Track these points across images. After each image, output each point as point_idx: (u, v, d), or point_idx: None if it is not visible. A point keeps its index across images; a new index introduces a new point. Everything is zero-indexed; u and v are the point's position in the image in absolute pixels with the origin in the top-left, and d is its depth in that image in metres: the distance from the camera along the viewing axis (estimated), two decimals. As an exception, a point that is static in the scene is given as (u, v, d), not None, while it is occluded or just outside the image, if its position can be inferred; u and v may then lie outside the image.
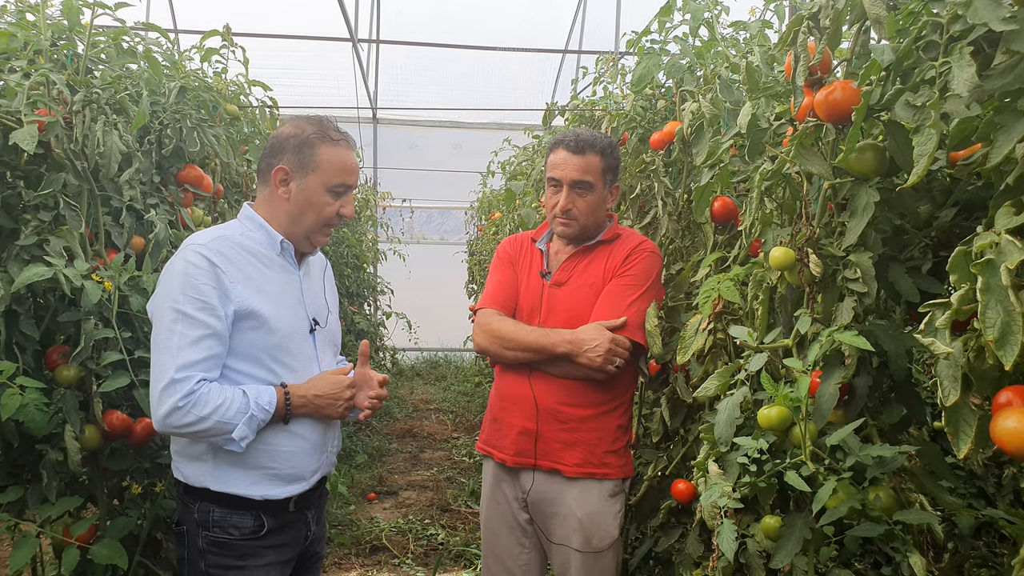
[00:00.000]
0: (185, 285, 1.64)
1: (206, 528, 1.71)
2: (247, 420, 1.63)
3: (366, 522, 4.37)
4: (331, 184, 1.77)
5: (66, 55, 2.18)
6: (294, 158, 1.76)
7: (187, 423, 1.59)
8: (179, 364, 1.60)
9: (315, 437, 1.82)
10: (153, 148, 2.46)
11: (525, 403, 2.13)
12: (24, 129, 1.83)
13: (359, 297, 7.00)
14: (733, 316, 1.96)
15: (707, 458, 1.59)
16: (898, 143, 1.34)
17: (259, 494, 1.72)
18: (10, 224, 1.94)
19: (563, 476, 2.10)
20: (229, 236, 1.75)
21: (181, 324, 1.63)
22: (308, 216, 1.78)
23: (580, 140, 2.11)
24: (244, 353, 1.71)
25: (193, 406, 1.59)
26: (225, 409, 1.61)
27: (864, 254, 1.40)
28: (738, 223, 2.10)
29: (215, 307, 1.64)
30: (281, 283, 1.79)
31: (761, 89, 1.77)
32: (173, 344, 1.62)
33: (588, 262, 2.17)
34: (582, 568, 2.09)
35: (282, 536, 1.79)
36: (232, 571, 1.72)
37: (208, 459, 1.71)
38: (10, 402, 1.77)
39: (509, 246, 2.33)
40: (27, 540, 1.86)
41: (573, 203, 2.12)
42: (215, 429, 1.61)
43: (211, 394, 1.61)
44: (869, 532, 1.31)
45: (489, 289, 2.27)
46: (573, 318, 2.11)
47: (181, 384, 1.59)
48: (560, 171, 2.11)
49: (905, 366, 1.42)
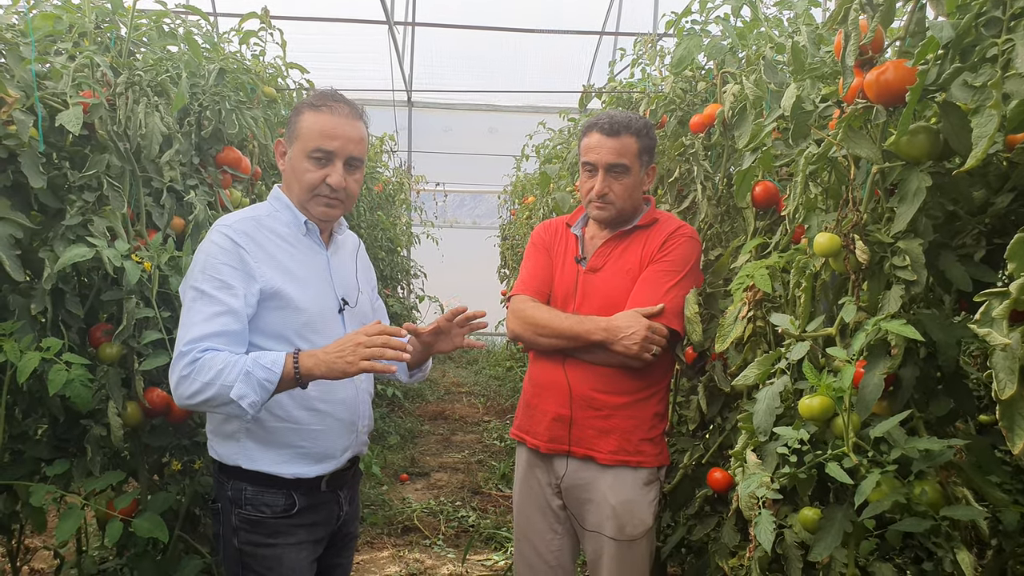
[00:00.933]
0: (206, 265, 1.67)
1: (239, 506, 1.74)
2: (244, 377, 1.57)
3: (398, 502, 4.41)
4: (308, 150, 1.73)
5: (109, 38, 2.20)
6: (288, 130, 1.79)
7: (194, 391, 1.59)
8: (188, 338, 1.62)
9: (343, 415, 1.82)
10: (193, 130, 2.48)
11: (559, 389, 2.11)
12: (69, 111, 1.86)
13: (393, 280, 7.04)
14: (773, 304, 1.92)
15: (745, 447, 1.57)
16: (953, 125, 1.30)
17: (289, 472, 1.74)
18: (56, 204, 1.97)
19: (597, 463, 2.08)
20: (256, 217, 1.77)
21: (199, 302, 1.65)
22: (294, 184, 1.78)
23: (614, 122, 2.07)
24: (271, 332, 1.72)
25: (196, 373, 1.58)
26: (227, 373, 1.57)
27: (914, 241, 1.36)
28: (780, 208, 2.05)
29: (233, 286, 1.66)
30: (308, 263, 1.80)
31: (807, 70, 1.73)
32: (188, 320, 1.65)
33: (624, 247, 2.13)
34: (615, 555, 2.08)
35: (313, 515, 1.80)
36: (263, 548, 1.74)
37: (240, 437, 1.73)
38: (57, 377, 1.80)
39: (544, 232, 2.29)
40: (73, 512, 1.90)
41: (609, 187, 2.08)
42: (220, 395, 1.57)
43: (214, 360, 1.59)
44: (915, 527, 1.28)
45: (523, 275, 2.24)
46: (609, 304, 2.07)
47: (186, 355, 1.60)
48: (595, 155, 2.07)
49: (955, 357, 1.38)
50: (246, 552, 1.74)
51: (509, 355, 8.60)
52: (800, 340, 1.51)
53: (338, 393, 1.79)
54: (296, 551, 1.77)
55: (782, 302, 1.86)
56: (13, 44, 1.90)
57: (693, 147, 2.43)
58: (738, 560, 1.91)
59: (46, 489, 1.90)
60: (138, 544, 2.10)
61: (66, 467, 1.99)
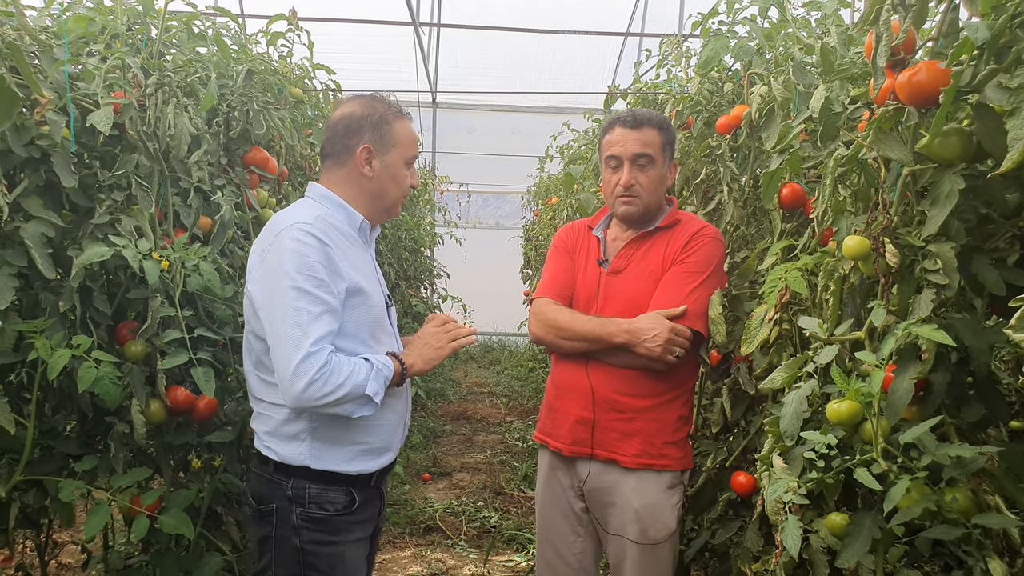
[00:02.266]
0: (300, 263, 1.67)
1: (301, 504, 1.74)
2: (375, 375, 1.69)
3: (420, 502, 4.42)
4: (408, 157, 1.86)
5: (140, 39, 2.23)
6: (375, 136, 1.81)
7: (325, 393, 1.63)
8: (312, 339, 1.63)
9: (399, 407, 1.88)
10: (221, 130, 2.50)
11: (581, 392, 2.10)
12: (100, 111, 1.88)
13: (416, 280, 7.06)
14: (800, 307, 1.90)
15: (771, 452, 1.55)
16: (987, 127, 1.28)
17: (355, 469, 1.78)
18: (87, 203, 2.00)
19: (620, 466, 2.07)
20: (324, 216, 1.78)
21: (304, 300, 1.65)
22: (392, 190, 1.86)
23: (636, 116, 2.08)
24: (349, 331, 1.75)
25: (329, 375, 1.63)
26: (356, 374, 1.66)
27: (946, 244, 1.34)
28: (807, 211, 2.03)
29: (328, 284, 1.69)
30: (365, 260, 1.86)
31: (836, 71, 1.71)
32: (302, 320, 1.64)
33: (647, 249, 2.12)
34: (638, 559, 2.07)
35: (367, 511, 1.84)
36: (327, 547, 1.75)
37: (306, 438, 1.75)
38: (87, 375, 1.82)
39: (566, 235, 2.28)
40: (100, 507, 1.92)
41: (635, 178, 2.06)
42: (351, 394, 1.66)
43: (342, 363, 1.66)
44: (946, 535, 1.26)
45: (545, 278, 2.24)
46: (631, 307, 2.06)
47: (316, 356, 1.62)
48: (619, 147, 2.06)
49: (987, 362, 1.35)
50: (308, 551, 1.74)
51: (531, 356, 8.60)
52: (828, 344, 1.49)
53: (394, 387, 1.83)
54: (356, 548, 1.81)
55: (809, 305, 1.84)
56: (47, 46, 1.93)
57: (719, 148, 2.41)
58: (761, 565, 1.90)
59: (74, 485, 1.93)
60: (162, 540, 2.12)
61: (94, 463, 2.00)
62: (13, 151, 1.80)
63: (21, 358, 1.85)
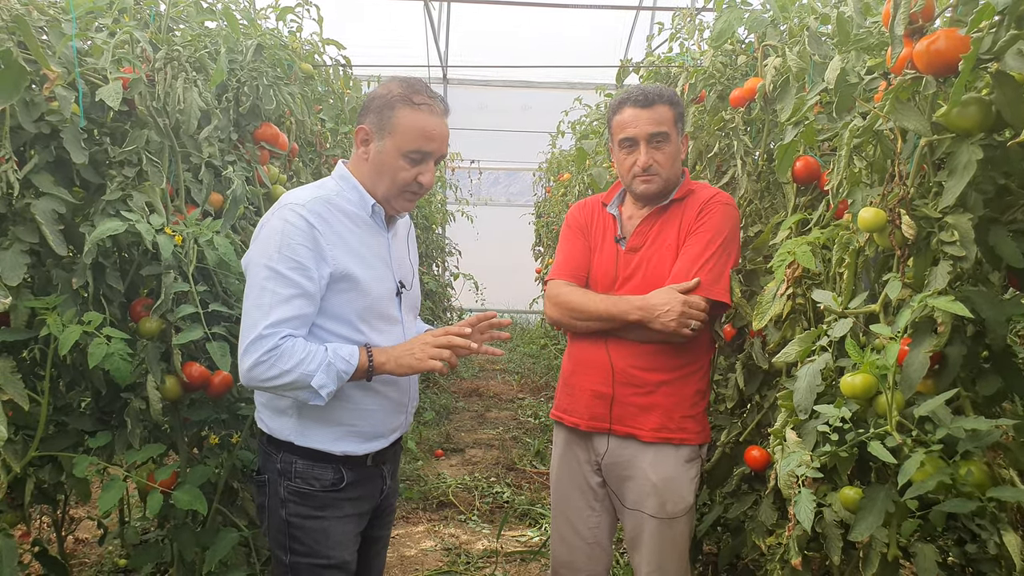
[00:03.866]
0: (282, 244, 1.65)
1: (288, 478, 1.76)
2: (325, 368, 1.63)
3: (433, 478, 4.45)
4: (406, 149, 1.71)
5: (149, 14, 2.21)
6: (375, 119, 1.73)
7: (270, 376, 1.62)
8: (268, 321, 1.62)
9: (396, 396, 1.84)
10: (231, 106, 2.49)
11: (600, 367, 2.09)
12: (110, 86, 1.87)
13: (428, 258, 7.06)
14: (813, 280, 1.88)
15: (785, 425, 1.54)
16: (1007, 96, 1.25)
17: (340, 450, 1.76)
18: (97, 180, 2.00)
19: (639, 440, 2.07)
20: (325, 196, 1.74)
21: (273, 282, 1.64)
22: (384, 180, 1.75)
23: (647, 93, 2.04)
24: (335, 314, 1.72)
25: (277, 359, 1.61)
26: (308, 363, 1.62)
27: (963, 215, 1.32)
28: (822, 184, 2.01)
29: (308, 268, 1.65)
30: (372, 245, 1.79)
31: (853, 41, 1.68)
32: (265, 302, 1.64)
33: (663, 223, 2.10)
34: (655, 533, 2.07)
35: (360, 489, 1.82)
36: (311, 520, 1.76)
37: (293, 414, 1.75)
38: (97, 351, 1.83)
39: (579, 213, 2.26)
40: (115, 483, 1.94)
41: (653, 158, 2.04)
42: (298, 382, 1.62)
43: (295, 348, 1.62)
44: (960, 508, 1.25)
45: (559, 259, 2.22)
46: (651, 282, 2.05)
47: (268, 339, 1.62)
48: (633, 128, 2.04)
49: (1004, 335, 1.34)
50: (294, 524, 1.76)
51: (543, 333, 8.60)
52: (843, 317, 1.48)
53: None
54: (342, 524, 1.80)
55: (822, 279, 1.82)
56: (55, 21, 1.92)
57: (733, 122, 2.38)
58: (775, 538, 1.89)
59: (89, 460, 1.94)
60: (177, 516, 2.14)
61: (108, 439, 2.02)
62: (23, 127, 1.80)
63: (34, 335, 1.86)
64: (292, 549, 1.77)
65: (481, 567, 3.37)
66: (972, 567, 1.73)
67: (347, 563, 1.81)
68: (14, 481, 1.94)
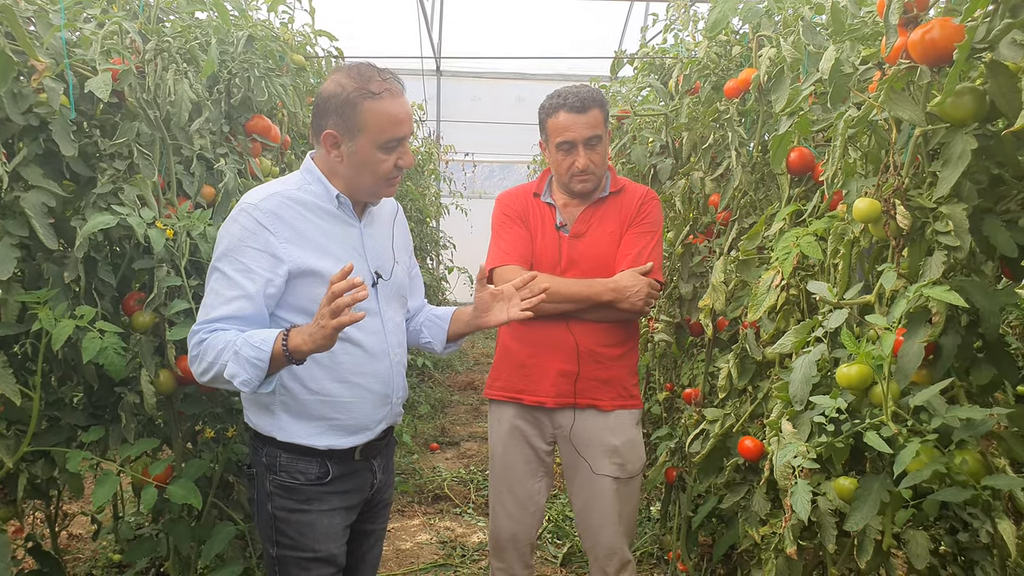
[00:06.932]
0: (230, 246, 1.66)
1: (273, 472, 1.75)
2: (234, 357, 1.57)
3: (429, 471, 4.45)
4: (381, 142, 1.68)
5: (138, 4, 2.19)
6: (339, 120, 1.68)
7: (201, 371, 1.63)
8: (209, 318, 1.64)
9: (377, 387, 1.81)
10: (222, 98, 2.47)
11: (565, 347, 2.25)
12: (99, 77, 1.85)
13: (422, 251, 7.05)
14: (807, 272, 1.88)
15: (780, 417, 1.54)
16: (1001, 86, 1.25)
17: (323, 444, 1.75)
18: (88, 173, 1.98)
19: (599, 410, 2.26)
20: (283, 192, 1.72)
21: (220, 283, 1.65)
22: (365, 176, 1.73)
23: (582, 98, 2.17)
24: (301, 307, 1.70)
25: (203, 353, 1.62)
26: (224, 353, 1.59)
27: (958, 205, 1.32)
28: (816, 175, 2.01)
29: (253, 271, 1.64)
30: (340, 237, 1.76)
31: (847, 31, 1.67)
32: (209, 301, 1.66)
33: (603, 213, 2.29)
34: (617, 493, 2.26)
35: (347, 483, 1.81)
36: (297, 514, 1.76)
37: (274, 409, 1.74)
38: (91, 345, 1.82)
39: (513, 202, 2.38)
40: (108, 478, 1.93)
41: (590, 159, 2.20)
42: (218, 375, 1.60)
43: (216, 340, 1.61)
44: (955, 496, 1.26)
45: (504, 246, 2.31)
46: (597, 267, 2.24)
47: (199, 335, 1.63)
48: (572, 133, 2.18)
49: (998, 324, 1.34)
50: (280, 517, 1.76)
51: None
52: (838, 308, 1.48)
53: (371, 366, 1.78)
54: (329, 517, 1.79)
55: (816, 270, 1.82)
56: (43, 11, 1.89)
57: (728, 112, 2.38)
58: (769, 528, 1.90)
59: (82, 455, 1.93)
60: (172, 510, 2.13)
61: (101, 434, 2.01)
62: (11, 119, 1.78)
63: (25, 329, 1.85)
64: (278, 542, 1.76)
65: (476, 560, 3.38)
66: (964, 555, 1.73)
67: (334, 556, 1.80)
68: (7, 476, 1.93)
